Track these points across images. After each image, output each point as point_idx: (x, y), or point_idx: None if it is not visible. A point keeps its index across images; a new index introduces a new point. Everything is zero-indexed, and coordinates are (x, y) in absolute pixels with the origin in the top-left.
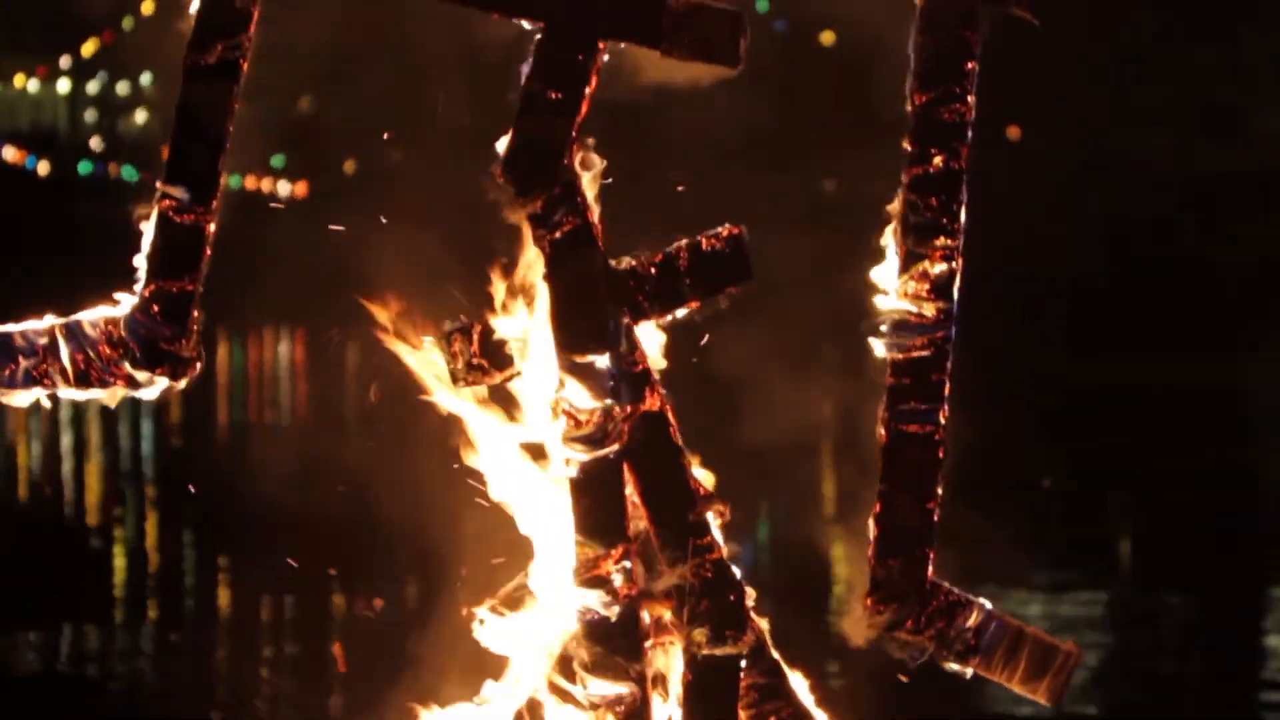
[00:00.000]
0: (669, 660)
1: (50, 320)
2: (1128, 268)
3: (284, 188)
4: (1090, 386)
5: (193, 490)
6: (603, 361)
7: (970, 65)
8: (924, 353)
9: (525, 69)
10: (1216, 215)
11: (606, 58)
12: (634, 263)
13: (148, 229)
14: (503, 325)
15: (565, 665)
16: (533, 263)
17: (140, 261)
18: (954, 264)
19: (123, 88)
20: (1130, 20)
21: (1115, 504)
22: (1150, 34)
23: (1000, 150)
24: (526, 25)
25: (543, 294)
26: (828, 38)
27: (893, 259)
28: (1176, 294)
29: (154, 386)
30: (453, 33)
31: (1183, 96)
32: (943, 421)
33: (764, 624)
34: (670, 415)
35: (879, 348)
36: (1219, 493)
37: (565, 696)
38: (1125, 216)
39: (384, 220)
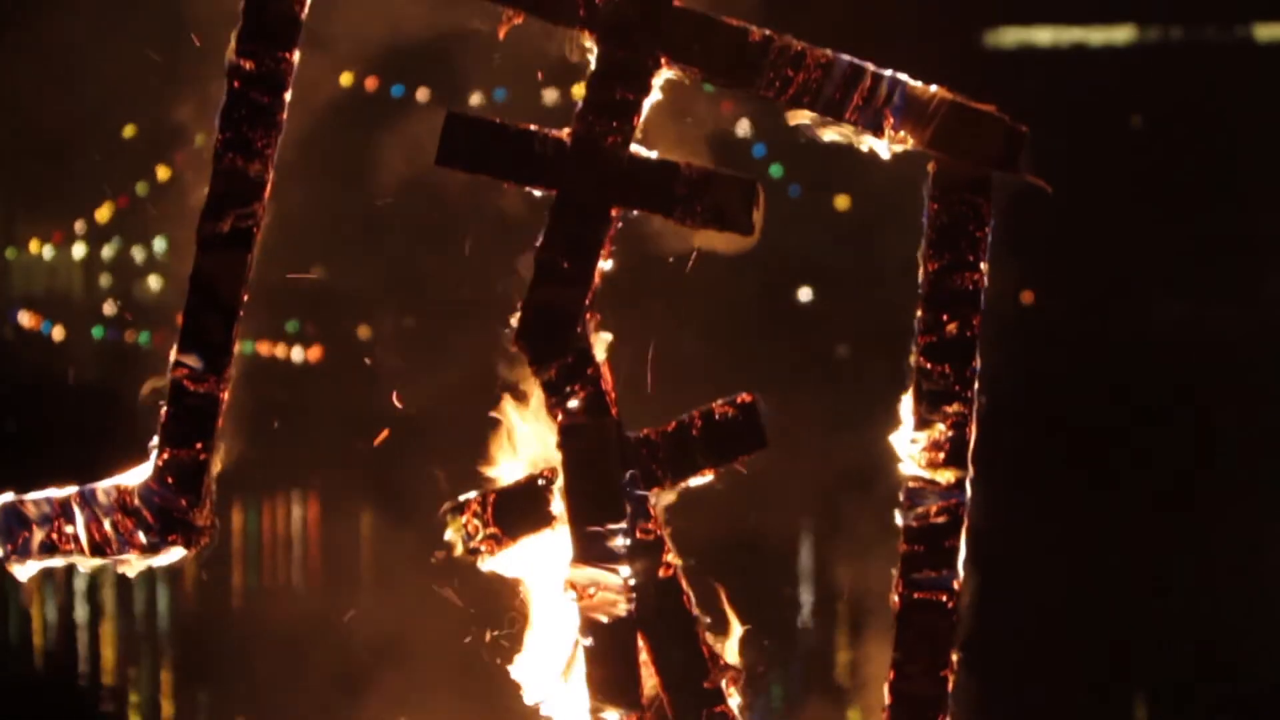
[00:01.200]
0: None
1: (65, 488)
2: (1139, 430)
3: (297, 353)
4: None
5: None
6: (616, 530)
7: (983, 232)
8: (939, 519)
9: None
10: (1230, 379)
11: (620, 225)
12: (647, 431)
13: (162, 397)
14: (514, 493)
15: None
16: (546, 429)
17: (154, 429)
18: (967, 430)
19: (138, 253)
20: (1143, 182)
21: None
22: (1164, 195)
23: (1013, 314)
24: (538, 193)
25: (556, 461)
26: (842, 202)
27: (907, 425)
28: (1190, 458)
29: (168, 554)
30: (468, 197)
31: (1195, 261)
32: (956, 589)
33: None
34: (683, 583)
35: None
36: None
37: None
38: (1139, 380)
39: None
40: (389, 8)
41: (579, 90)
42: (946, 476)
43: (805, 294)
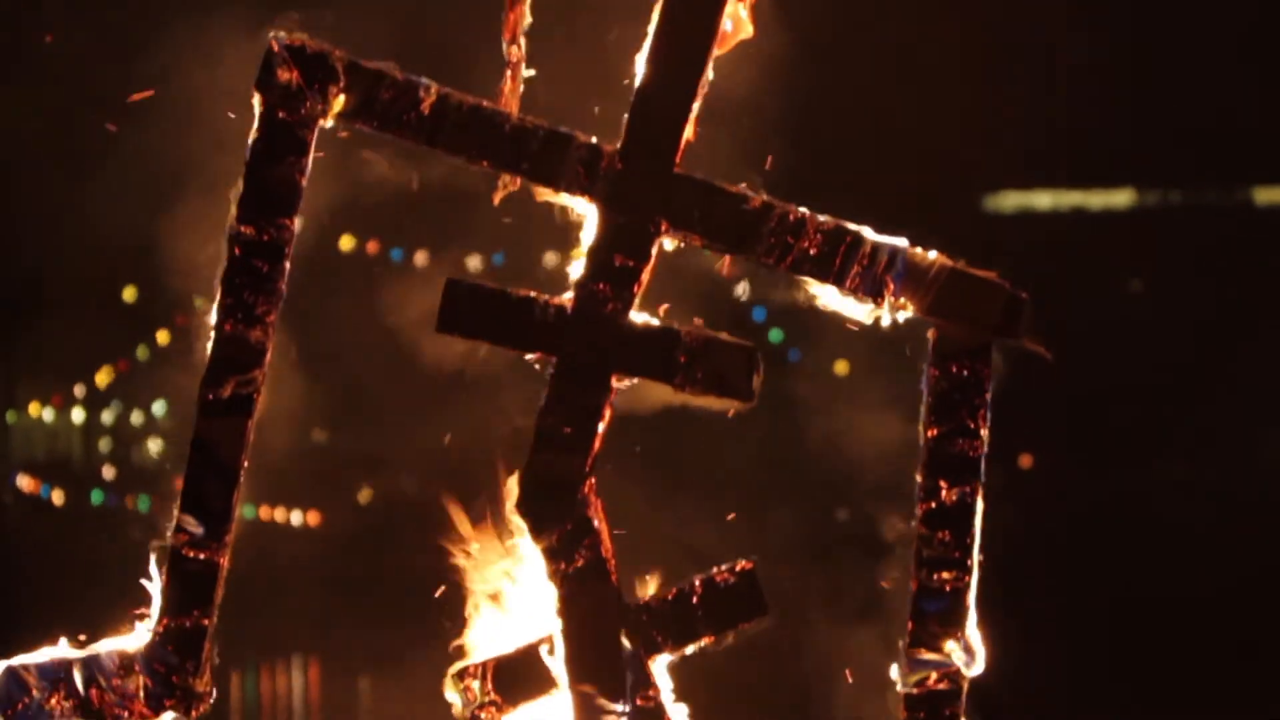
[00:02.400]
0: None
1: (65, 652)
2: (1139, 605)
3: (296, 517)
4: None
5: None
6: (616, 698)
7: (983, 400)
8: (939, 685)
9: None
10: (1229, 543)
11: (621, 390)
12: (647, 598)
13: (161, 563)
14: (514, 661)
15: None
16: (546, 595)
17: (154, 596)
18: (966, 598)
19: (137, 417)
20: (1142, 345)
21: None
22: (1164, 359)
23: (1012, 478)
24: (527, 357)
25: (556, 626)
26: (842, 367)
27: (908, 592)
28: (1194, 622)
29: None
30: (467, 362)
31: (1192, 423)
32: None
33: None
34: None
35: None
36: None
37: None
38: (1139, 547)
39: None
40: (389, 172)
41: (579, 254)
42: (945, 643)
43: (803, 457)
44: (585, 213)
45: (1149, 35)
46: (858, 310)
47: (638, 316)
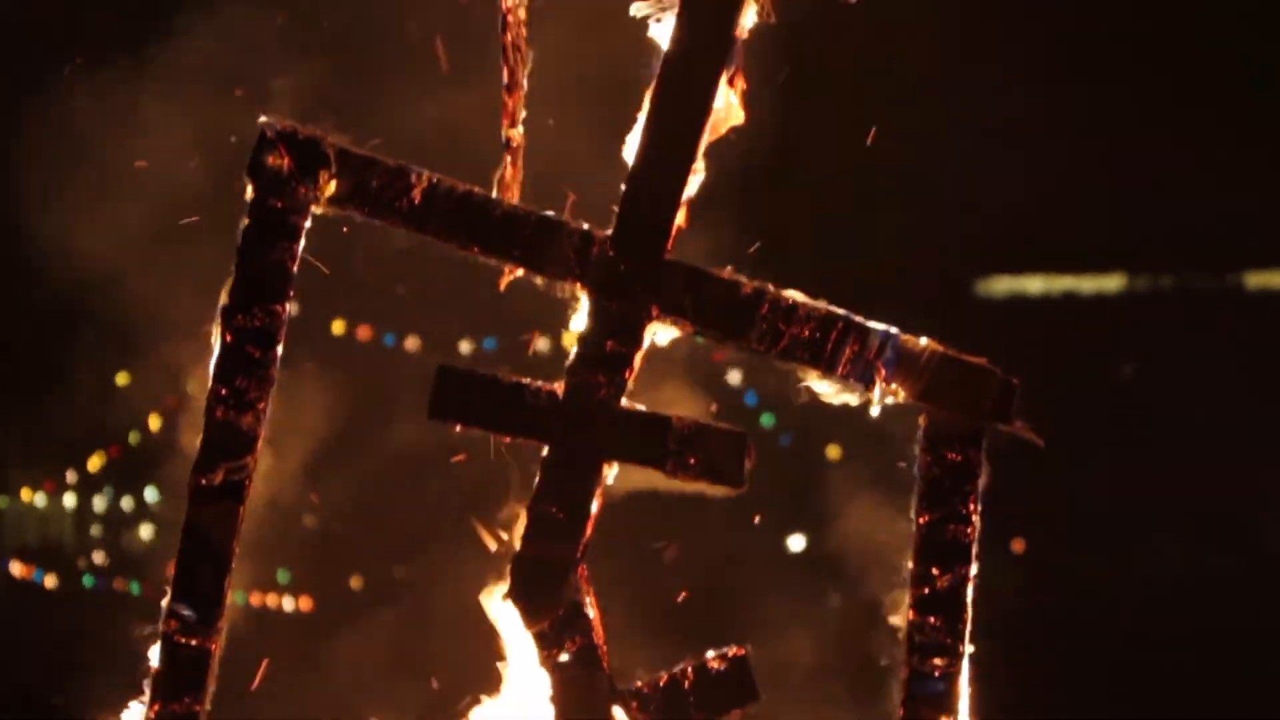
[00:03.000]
0: None
1: None
2: (1135, 689)
3: (289, 603)
4: None
5: None
6: None
7: (974, 485)
8: None
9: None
10: (1226, 630)
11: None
12: (639, 684)
13: (153, 649)
14: None
15: None
16: (539, 681)
17: (146, 682)
18: (956, 684)
19: (128, 502)
20: (1135, 430)
21: None
22: (1157, 444)
23: (1004, 562)
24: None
25: (549, 712)
26: (833, 452)
27: (899, 677)
28: (1196, 700)
29: None
30: (459, 443)
31: (1187, 508)
32: None
33: None
34: None
35: None
36: None
37: None
38: (1133, 633)
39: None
40: (379, 257)
41: (570, 339)
42: None
43: (797, 543)
44: (577, 298)
45: (1142, 121)
46: (850, 395)
47: (629, 402)
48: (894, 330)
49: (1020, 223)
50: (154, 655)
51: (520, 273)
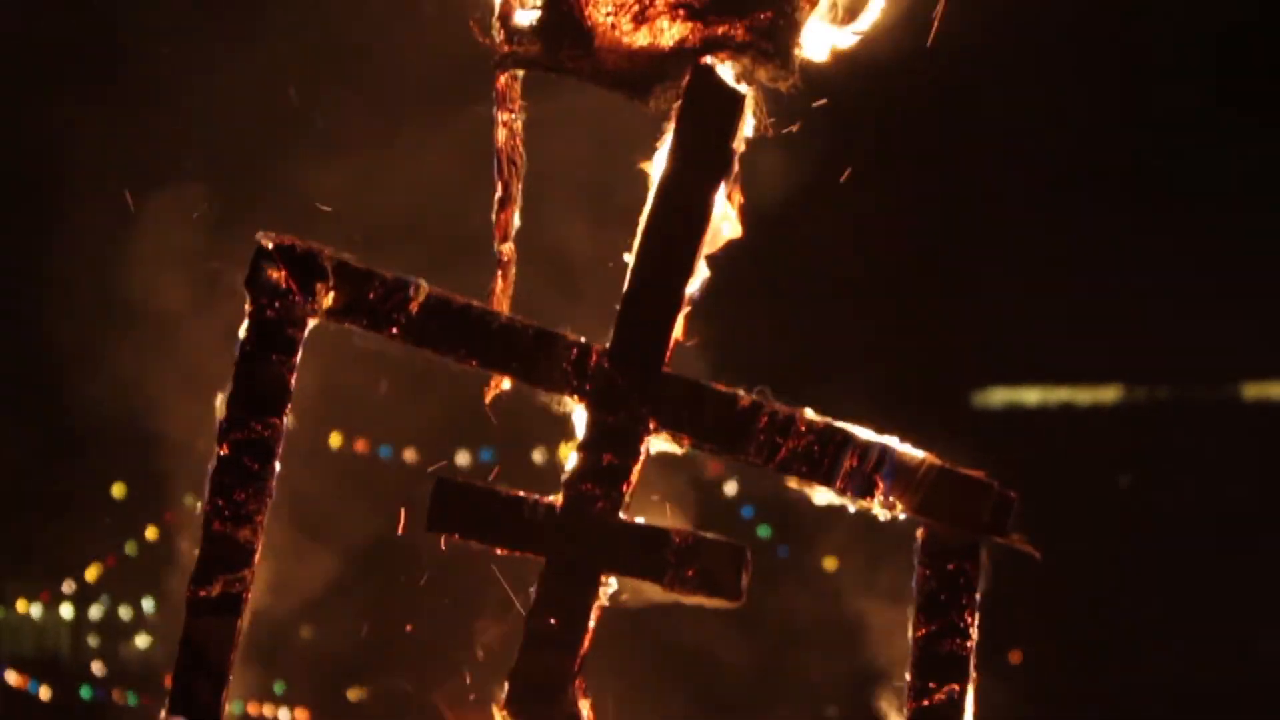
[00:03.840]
0: None
1: None
2: None
3: (284, 714)
4: None
5: None
6: None
7: (971, 598)
8: None
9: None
10: None
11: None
12: None
13: None
14: None
15: None
16: None
17: None
18: None
19: (125, 613)
20: (1132, 542)
21: None
22: (1153, 555)
23: (1002, 674)
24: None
25: None
26: (830, 564)
27: None
28: None
29: None
30: (455, 559)
31: (1185, 620)
32: None
33: None
34: None
35: None
36: None
37: None
38: None
39: None
40: (377, 371)
41: (567, 450)
42: None
43: (793, 654)
44: (574, 411)
45: (1136, 232)
46: (847, 508)
47: (626, 515)
48: (891, 442)
49: (1017, 334)
50: None
51: (507, 385)
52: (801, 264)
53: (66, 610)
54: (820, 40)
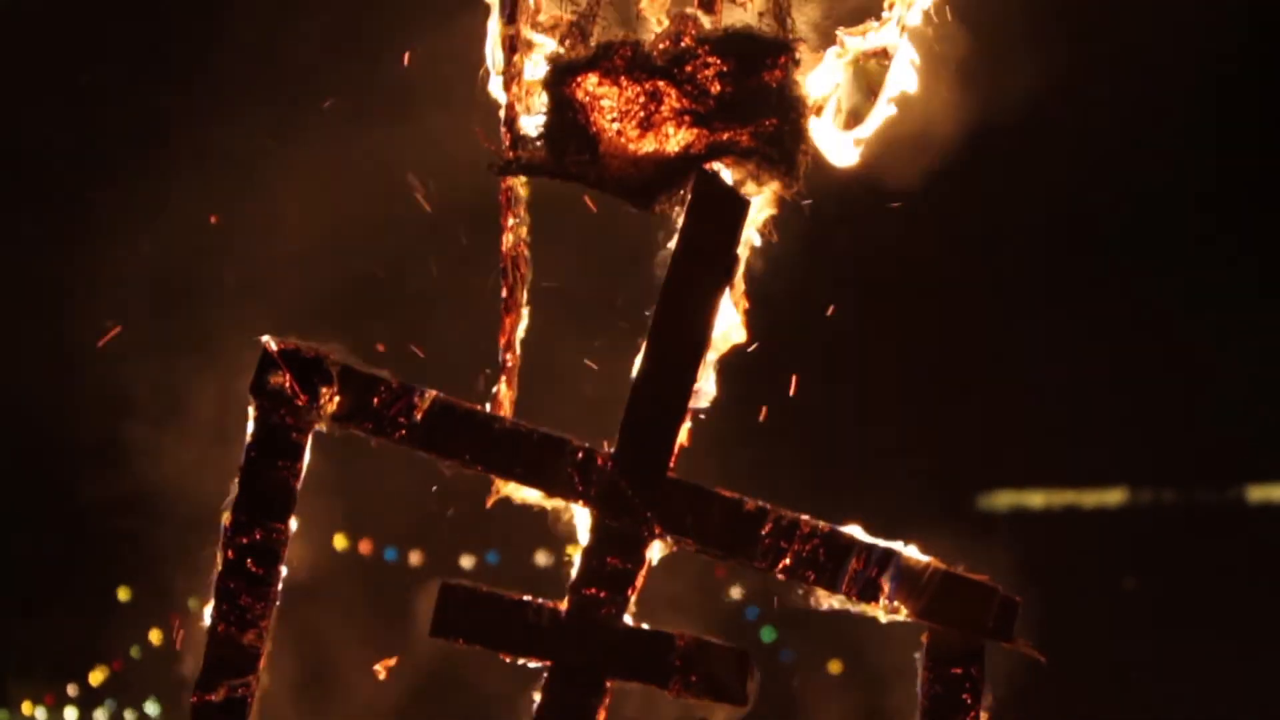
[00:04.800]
0: None
1: None
2: None
3: None
4: None
5: None
6: None
7: (977, 702)
8: None
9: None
10: None
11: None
12: None
13: None
14: None
15: None
16: None
17: None
18: None
19: (130, 716)
20: (1135, 642)
21: None
22: (1158, 653)
23: None
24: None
25: None
26: (835, 667)
27: None
28: None
29: None
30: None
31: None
32: None
33: None
34: None
35: None
36: None
37: None
38: None
39: None
40: (381, 471)
41: (573, 553)
42: None
43: None
44: (579, 516)
45: (1141, 336)
46: (852, 612)
47: (632, 620)
48: (896, 547)
49: (1021, 438)
50: None
51: (509, 489)
52: (807, 370)
53: (71, 714)
54: (824, 149)
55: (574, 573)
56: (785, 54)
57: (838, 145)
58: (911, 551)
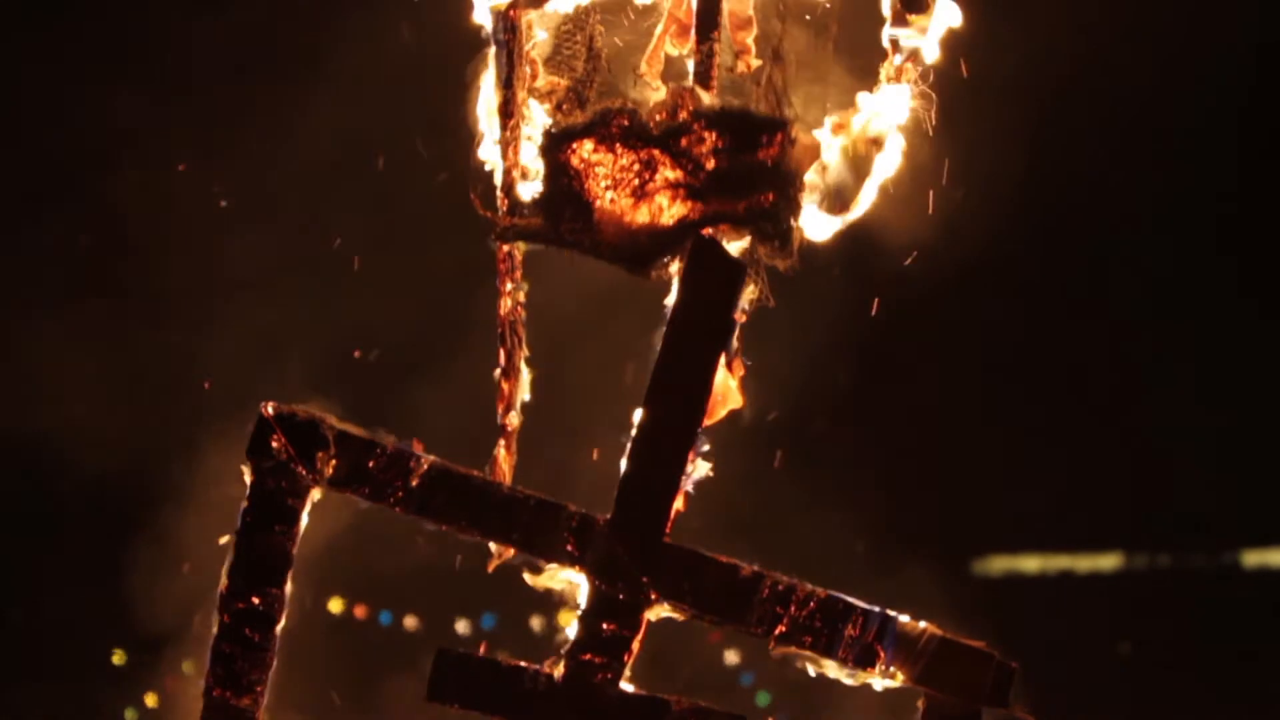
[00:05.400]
0: None
1: None
2: None
3: None
4: None
5: None
6: None
7: None
8: None
9: None
10: None
11: None
12: None
13: None
14: None
15: None
16: None
17: None
18: None
19: None
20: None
21: None
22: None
23: None
24: None
25: None
26: None
27: None
28: None
29: None
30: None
31: None
32: None
33: None
34: None
35: None
36: None
37: None
38: None
39: None
40: (378, 537)
41: (569, 618)
42: None
43: None
44: (576, 581)
45: (1133, 399)
46: (848, 677)
47: (628, 685)
48: (893, 613)
49: (1016, 503)
50: None
51: (511, 554)
52: (798, 437)
53: None
54: (819, 222)
55: (570, 638)
56: (781, 131)
57: (822, 227)
58: (907, 617)
